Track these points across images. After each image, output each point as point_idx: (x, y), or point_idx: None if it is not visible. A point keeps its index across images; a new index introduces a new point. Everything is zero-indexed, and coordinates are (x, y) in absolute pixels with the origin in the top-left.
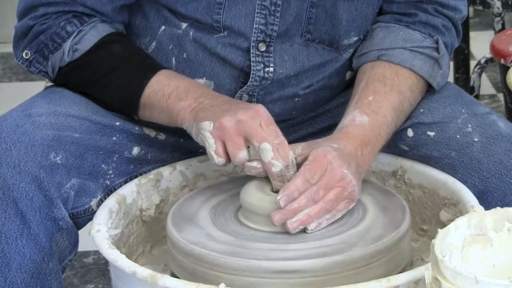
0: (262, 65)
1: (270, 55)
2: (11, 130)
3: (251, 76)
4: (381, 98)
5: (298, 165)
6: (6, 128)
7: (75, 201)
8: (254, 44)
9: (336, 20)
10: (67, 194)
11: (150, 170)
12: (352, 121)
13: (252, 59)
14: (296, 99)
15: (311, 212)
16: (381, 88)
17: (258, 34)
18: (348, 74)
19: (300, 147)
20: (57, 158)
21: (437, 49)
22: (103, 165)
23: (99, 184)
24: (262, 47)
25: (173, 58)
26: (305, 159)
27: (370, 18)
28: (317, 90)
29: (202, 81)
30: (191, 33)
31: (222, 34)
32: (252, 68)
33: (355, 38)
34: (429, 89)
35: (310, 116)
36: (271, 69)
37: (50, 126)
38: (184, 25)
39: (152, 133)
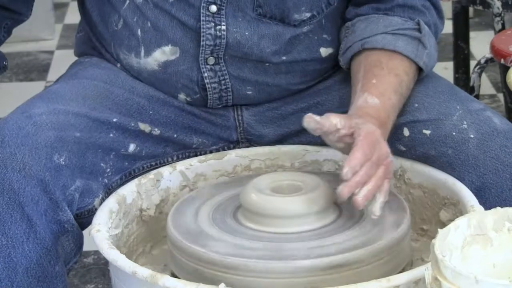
0: (212, 24)
1: (222, 17)
2: (14, 133)
3: (201, 34)
4: (383, 80)
5: (341, 138)
6: (9, 131)
7: (79, 202)
8: (204, 5)
9: None
10: (71, 196)
11: (143, 166)
12: (366, 102)
13: (202, 18)
14: (267, 64)
15: (370, 187)
16: (380, 71)
17: None
18: (322, 51)
19: (343, 120)
20: (61, 160)
21: (419, 30)
22: (102, 164)
23: (99, 183)
24: (213, 9)
25: (139, 30)
26: (350, 133)
27: None
28: (287, 63)
29: (167, 48)
30: (150, 0)
31: None
32: (202, 26)
33: (308, 14)
34: (420, 75)
35: (300, 89)
36: (223, 27)
37: (51, 126)
38: None
39: (147, 129)
